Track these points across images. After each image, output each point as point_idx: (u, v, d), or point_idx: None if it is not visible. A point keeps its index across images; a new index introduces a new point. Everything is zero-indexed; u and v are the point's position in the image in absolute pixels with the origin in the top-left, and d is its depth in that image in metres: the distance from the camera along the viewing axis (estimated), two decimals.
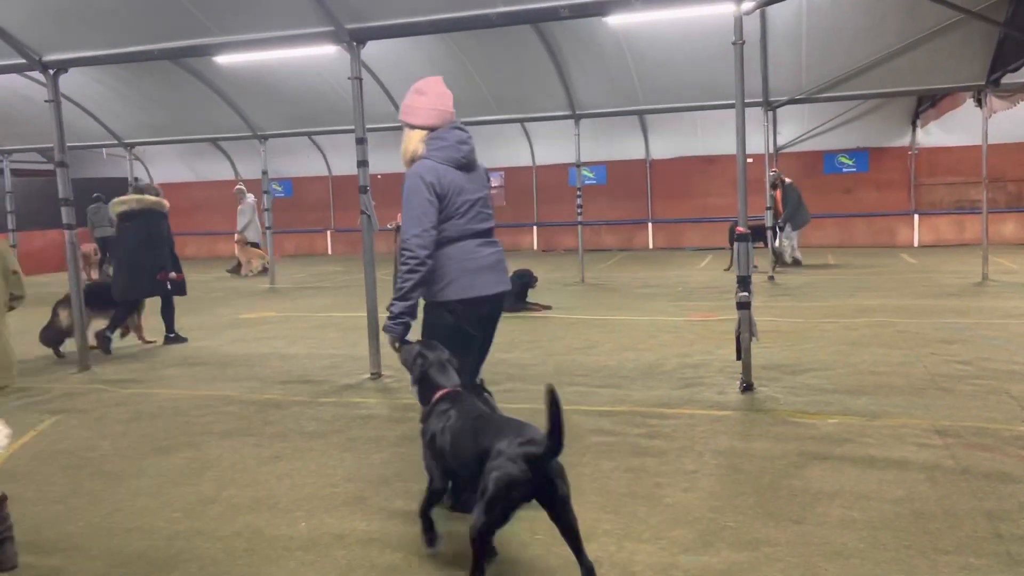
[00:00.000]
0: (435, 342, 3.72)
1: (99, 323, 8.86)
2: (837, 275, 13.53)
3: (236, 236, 17.92)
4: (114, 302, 8.81)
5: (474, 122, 13.98)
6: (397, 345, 3.81)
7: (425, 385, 3.57)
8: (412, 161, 3.89)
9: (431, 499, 3.47)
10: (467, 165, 3.91)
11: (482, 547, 3.04)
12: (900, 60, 10.68)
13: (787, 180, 14.70)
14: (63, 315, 8.52)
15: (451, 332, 3.83)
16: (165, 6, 7.23)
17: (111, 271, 10.31)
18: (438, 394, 3.51)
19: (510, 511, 2.99)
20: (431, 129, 3.89)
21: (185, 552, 3.63)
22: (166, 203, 9.13)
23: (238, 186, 18.50)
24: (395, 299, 3.77)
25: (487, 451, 3.05)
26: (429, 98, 3.92)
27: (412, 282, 3.73)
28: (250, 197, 17.83)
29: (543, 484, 2.95)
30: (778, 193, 14.42)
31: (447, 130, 3.90)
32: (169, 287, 8.99)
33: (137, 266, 8.76)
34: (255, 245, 17.97)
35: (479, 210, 3.93)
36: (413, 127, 3.92)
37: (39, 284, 16.00)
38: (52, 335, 8.66)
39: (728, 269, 14.41)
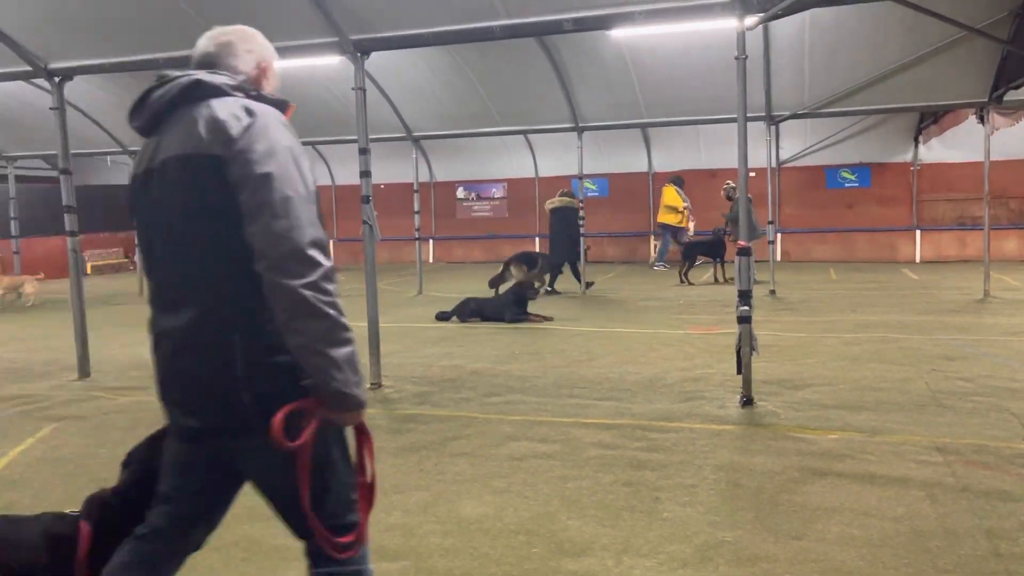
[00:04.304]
0: None
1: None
2: (839, 290, 13.52)
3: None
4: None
5: (477, 133, 14.07)
6: None
7: None
8: None
9: None
10: None
11: None
12: (903, 76, 10.70)
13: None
14: (514, 270, 12.93)
15: None
16: (170, 15, 7.26)
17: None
18: None
19: None
20: None
21: None
22: (575, 202, 13.87)
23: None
24: None
25: None
26: None
27: None
28: None
29: None
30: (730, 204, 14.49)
31: None
32: (580, 256, 13.82)
33: (562, 242, 13.82)
34: None
35: None
36: None
37: (43, 292, 16.05)
38: (495, 280, 12.85)
39: (683, 281, 14.68)
